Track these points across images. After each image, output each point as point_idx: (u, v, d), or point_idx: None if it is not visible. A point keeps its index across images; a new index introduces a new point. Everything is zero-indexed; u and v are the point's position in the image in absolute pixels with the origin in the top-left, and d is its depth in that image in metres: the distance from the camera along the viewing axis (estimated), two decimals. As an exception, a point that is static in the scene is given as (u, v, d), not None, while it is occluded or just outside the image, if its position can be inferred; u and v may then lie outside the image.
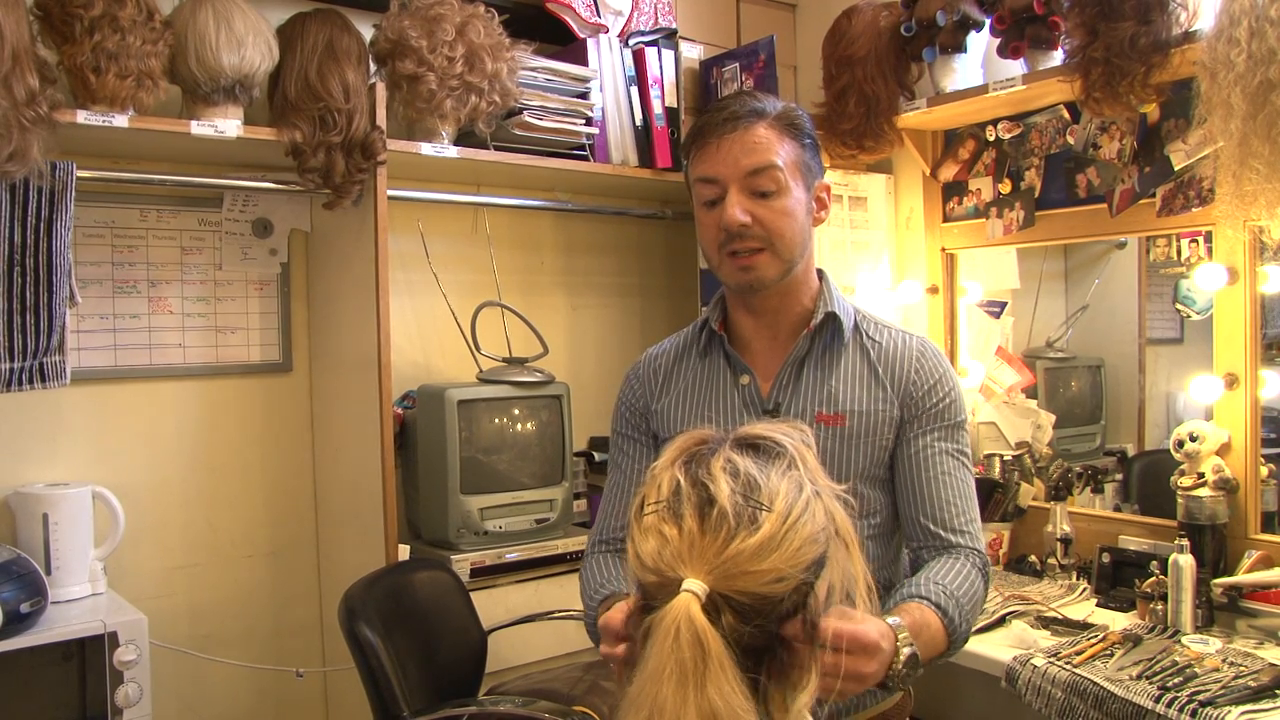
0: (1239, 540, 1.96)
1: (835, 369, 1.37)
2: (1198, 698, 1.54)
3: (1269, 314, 2.03)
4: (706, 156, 1.33)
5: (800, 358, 1.38)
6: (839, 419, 1.35)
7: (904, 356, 1.38)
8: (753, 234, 1.31)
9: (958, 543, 1.33)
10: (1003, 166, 2.43)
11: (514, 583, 2.34)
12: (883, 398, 1.36)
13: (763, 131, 1.30)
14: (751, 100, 1.33)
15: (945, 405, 1.37)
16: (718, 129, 1.31)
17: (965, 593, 1.25)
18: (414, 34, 2.19)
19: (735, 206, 1.30)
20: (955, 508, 1.35)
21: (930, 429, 1.36)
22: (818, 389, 1.37)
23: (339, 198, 2.16)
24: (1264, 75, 1.66)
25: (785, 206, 1.31)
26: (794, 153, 1.33)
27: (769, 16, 3.02)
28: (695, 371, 1.44)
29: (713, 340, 1.44)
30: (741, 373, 1.40)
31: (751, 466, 0.87)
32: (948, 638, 1.20)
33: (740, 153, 1.30)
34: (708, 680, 0.78)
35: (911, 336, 1.41)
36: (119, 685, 1.82)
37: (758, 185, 1.30)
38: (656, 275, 3.07)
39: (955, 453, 1.37)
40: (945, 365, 1.40)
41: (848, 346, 1.38)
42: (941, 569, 1.29)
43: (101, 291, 2.21)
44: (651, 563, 0.85)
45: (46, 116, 1.76)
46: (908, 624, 1.11)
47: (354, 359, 2.26)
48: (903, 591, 1.26)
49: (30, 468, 2.11)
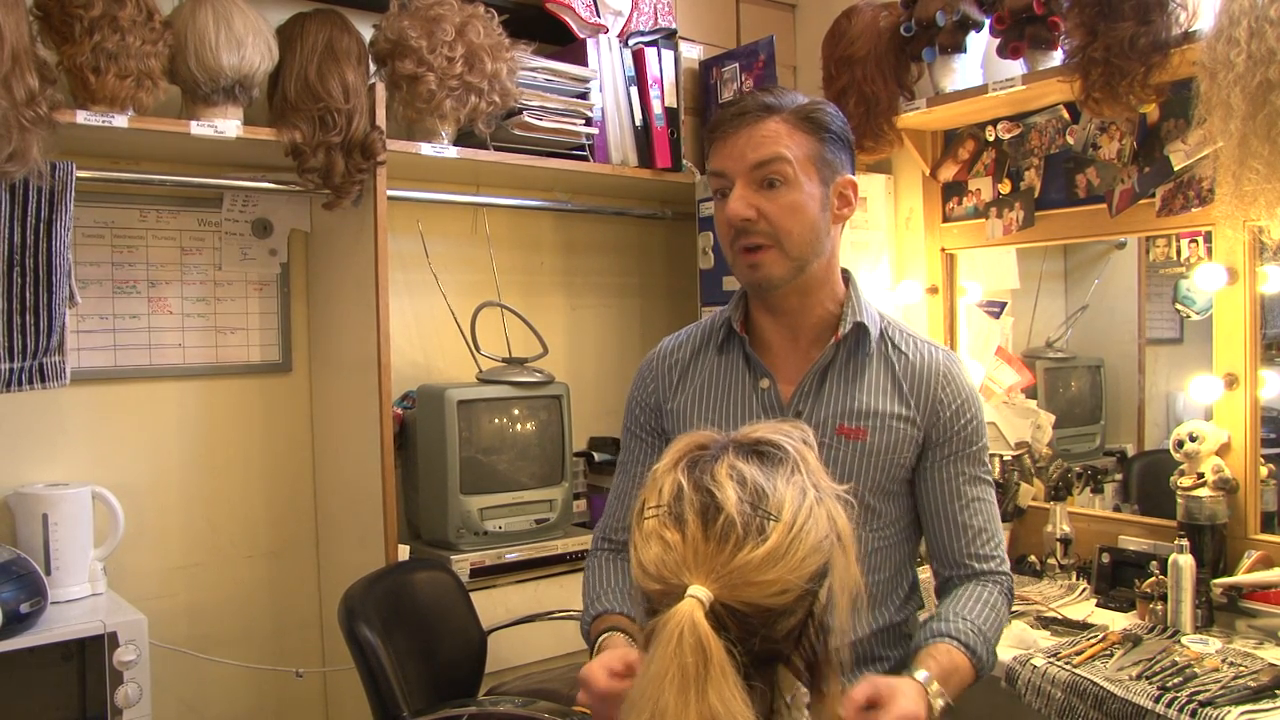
0: (1239, 540, 1.96)
1: (859, 380, 1.34)
2: (1197, 698, 1.54)
3: (1269, 314, 2.02)
4: (717, 151, 1.32)
5: (824, 366, 1.35)
6: (860, 433, 1.33)
7: (932, 372, 1.36)
8: (758, 229, 1.29)
9: (986, 569, 1.35)
10: (1002, 167, 2.43)
11: (514, 583, 2.34)
12: (906, 415, 1.34)
13: (773, 125, 1.29)
14: (766, 96, 1.32)
15: (971, 429, 1.37)
16: (730, 124, 1.31)
17: (991, 624, 1.28)
18: (414, 34, 2.19)
19: (739, 199, 1.28)
20: (985, 534, 1.36)
21: (956, 454, 1.35)
22: (841, 400, 1.34)
23: (339, 198, 2.16)
24: (1264, 75, 1.66)
25: (793, 201, 1.28)
26: (808, 147, 1.29)
27: (769, 16, 3.01)
28: (712, 369, 1.41)
29: (732, 337, 1.41)
30: (761, 376, 1.37)
31: (758, 474, 0.86)
32: (975, 673, 1.24)
33: (747, 146, 1.28)
34: (709, 686, 0.78)
35: (938, 350, 1.39)
36: (119, 685, 1.82)
37: (763, 177, 1.28)
38: (656, 275, 3.07)
39: (982, 476, 1.37)
40: (970, 384, 1.39)
41: (872, 357, 1.36)
42: (968, 600, 1.30)
43: (101, 291, 2.21)
44: (655, 570, 0.84)
45: (46, 116, 1.75)
46: (936, 674, 1.15)
47: (354, 359, 2.26)
48: (932, 626, 1.27)
49: (30, 468, 2.11)
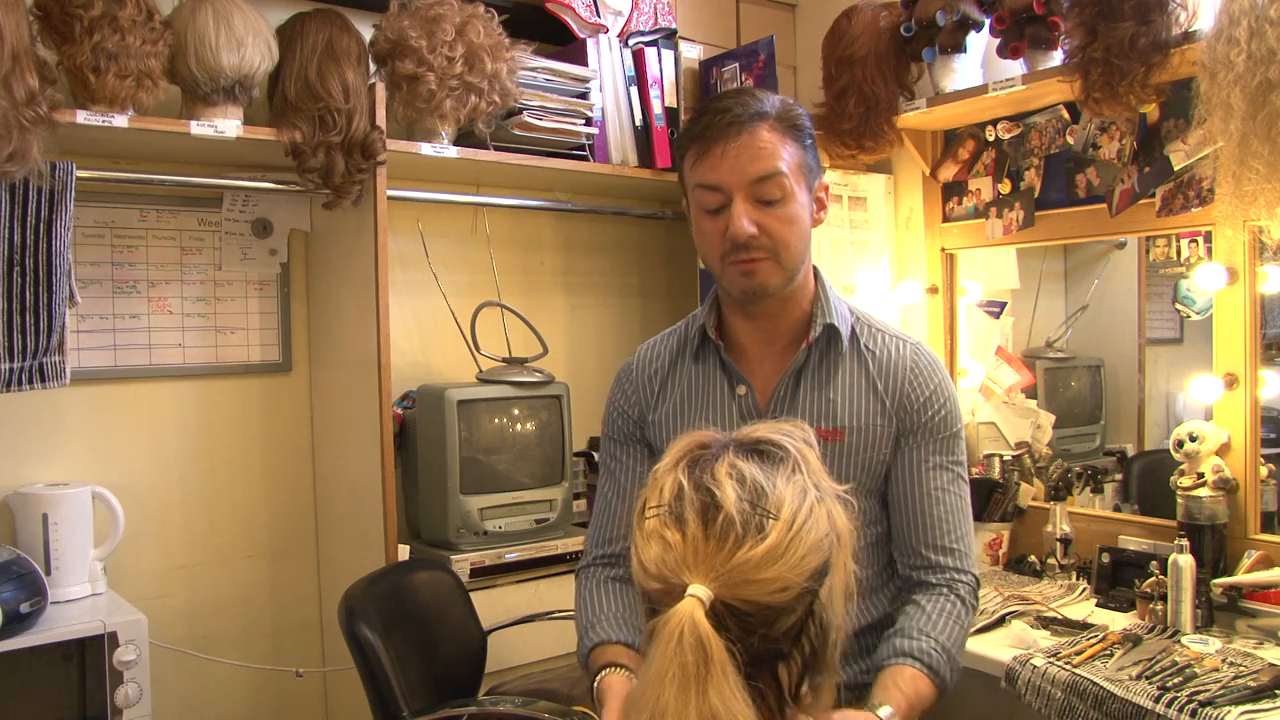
0: (1239, 540, 1.96)
1: (833, 381, 1.34)
2: (1197, 698, 1.54)
3: (1269, 314, 2.03)
4: (710, 163, 1.27)
5: (798, 369, 1.35)
6: (838, 434, 1.32)
7: (900, 367, 1.35)
8: (759, 244, 1.27)
9: (945, 564, 1.33)
10: (1002, 166, 2.43)
11: (514, 583, 2.34)
12: (881, 411, 1.34)
13: (766, 135, 1.26)
14: (751, 100, 1.28)
15: (941, 418, 1.35)
16: (721, 133, 1.26)
17: (955, 639, 1.27)
18: (414, 34, 2.19)
19: (743, 218, 1.25)
20: (946, 524, 1.33)
21: (924, 442, 1.34)
22: (816, 402, 1.34)
23: (339, 198, 2.16)
24: (1264, 75, 1.66)
25: (791, 214, 1.28)
26: (796, 155, 1.29)
27: (769, 16, 3.02)
28: (690, 377, 1.40)
29: (706, 344, 1.40)
30: (738, 383, 1.37)
31: (757, 472, 0.87)
32: (938, 691, 1.23)
33: (746, 160, 1.25)
34: (710, 685, 0.78)
35: (906, 344, 1.38)
36: (119, 685, 1.82)
37: (763, 193, 1.26)
38: (656, 275, 3.07)
39: (949, 465, 1.35)
40: (941, 375, 1.37)
41: (845, 356, 1.35)
42: (929, 614, 1.28)
43: (101, 291, 2.21)
44: (655, 569, 0.85)
45: (46, 116, 1.75)
46: (901, 709, 1.15)
47: (354, 359, 2.26)
48: (895, 643, 1.26)
49: (30, 468, 2.11)
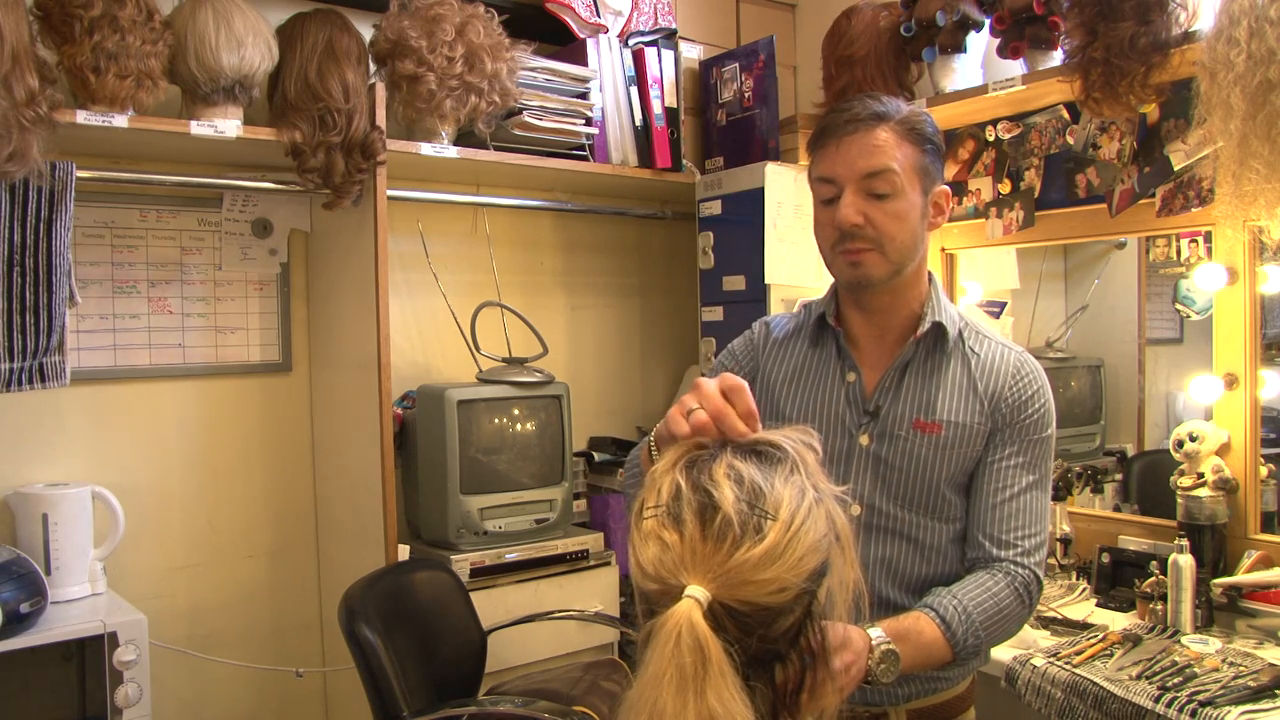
0: (1239, 540, 1.96)
1: (936, 377, 1.39)
2: (1197, 698, 1.54)
3: (1269, 314, 2.03)
4: (826, 156, 1.35)
5: (904, 363, 1.40)
6: (935, 427, 1.37)
7: (1002, 370, 1.40)
8: (864, 234, 1.33)
9: (1002, 556, 1.35)
10: (1002, 166, 2.43)
11: (514, 583, 2.34)
12: (979, 410, 1.38)
13: (883, 135, 1.32)
14: (875, 104, 1.35)
15: (1033, 421, 1.38)
16: (839, 130, 1.34)
17: (981, 607, 1.29)
18: (414, 34, 2.19)
19: (850, 207, 1.32)
20: (1015, 521, 1.36)
21: (1011, 440, 1.38)
22: (918, 396, 1.39)
23: (339, 198, 2.16)
24: (1264, 75, 1.66)
25: (899, 210, 1.33)
26: (913, 157, 1.34)
27: (769, 16, 3.02)
28: (805, 355, 1.47)
29: (824, 330, 1.46)
30: (849, 369, 1.42)
31: (755, 473, 0.86)
32: (949, 646, 1.25)
33: (858, 155, 1.32)
34: (707, 686, 0.78)
35: (1011, 350, 1.43)
36: (119, 685, 1.82)
37: (873, 187, 1.32)
38: (656, 275, 3.07)
39: (1031, 467, 1.38)
40: (1041, 382, 1.41)
41: (949, 355, 1.40)
42: (967, 584, 1.32)
43: (101, 291, 2.21)
44: (653, 570, 0.84)
45: (46, 116, 1.76)
46: (890, 629, 1.19)
47: (354, 359, 2.26)
48: (921, 601, 1.31)
49: (30, 468, 2.11)
